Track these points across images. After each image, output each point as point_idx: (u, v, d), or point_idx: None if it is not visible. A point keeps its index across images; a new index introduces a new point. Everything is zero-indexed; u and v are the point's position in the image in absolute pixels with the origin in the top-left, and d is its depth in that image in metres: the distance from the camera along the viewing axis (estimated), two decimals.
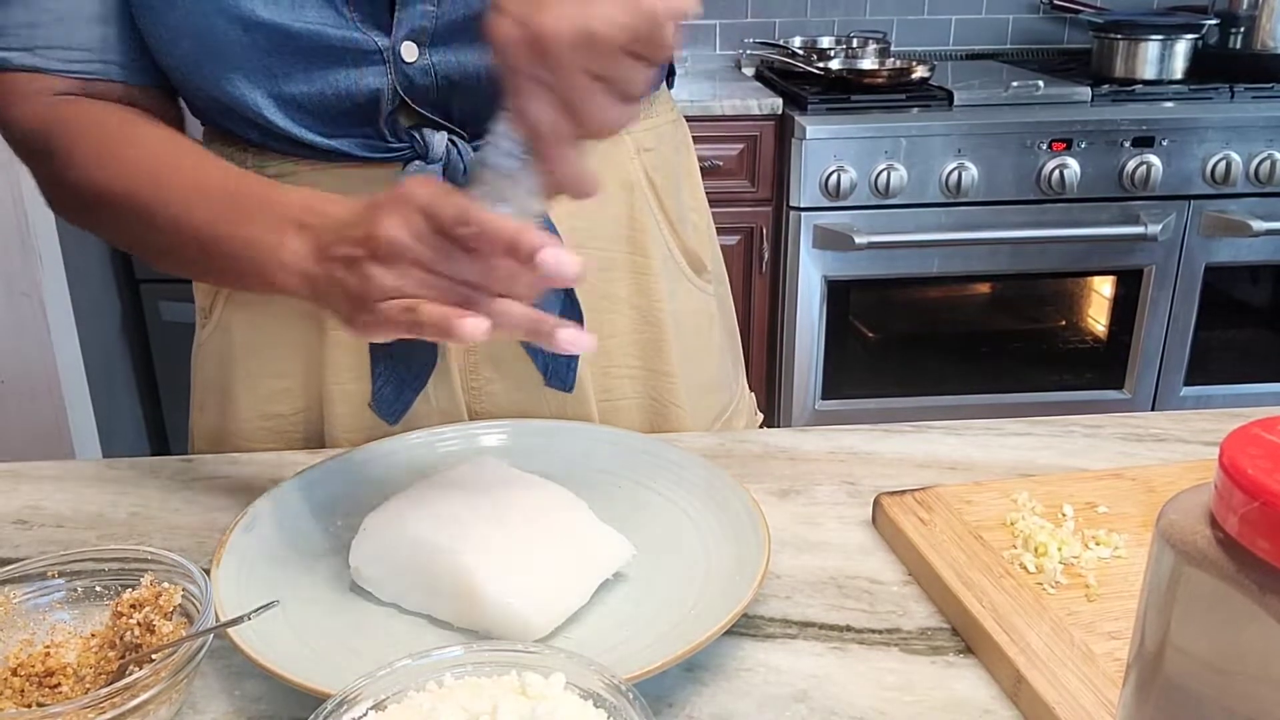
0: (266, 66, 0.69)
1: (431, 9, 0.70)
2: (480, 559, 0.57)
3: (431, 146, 0.74)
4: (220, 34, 0.68)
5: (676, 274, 0.87)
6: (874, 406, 2.26)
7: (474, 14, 0.70)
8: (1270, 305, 2.29)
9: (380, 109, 0.72)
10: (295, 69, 0.70)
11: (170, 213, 0.67)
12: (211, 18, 0.67)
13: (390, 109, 0.72)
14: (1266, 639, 0.32)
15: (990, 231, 2.10)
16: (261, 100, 0.71)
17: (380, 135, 0.73)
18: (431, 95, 0.72)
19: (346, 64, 0.70)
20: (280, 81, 0.70)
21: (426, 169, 0.74)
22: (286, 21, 0.68)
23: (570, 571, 0.59)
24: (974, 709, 0.53)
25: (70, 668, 0.53)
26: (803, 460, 0.78)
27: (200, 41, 0.69)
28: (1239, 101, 2.13)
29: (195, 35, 0.68)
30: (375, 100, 0.71)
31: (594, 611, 0.60)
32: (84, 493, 0.76)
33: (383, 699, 0.46)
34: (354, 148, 0.74)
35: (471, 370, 0.80)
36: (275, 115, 0.71)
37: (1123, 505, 0.67)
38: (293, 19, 0.68)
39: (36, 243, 1.83)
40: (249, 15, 0.67)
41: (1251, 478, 0.32)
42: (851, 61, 2.37)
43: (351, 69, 0.70)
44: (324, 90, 0.71)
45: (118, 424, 2.19)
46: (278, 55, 0.69)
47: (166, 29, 0.69)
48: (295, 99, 0.71)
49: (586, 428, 0.77)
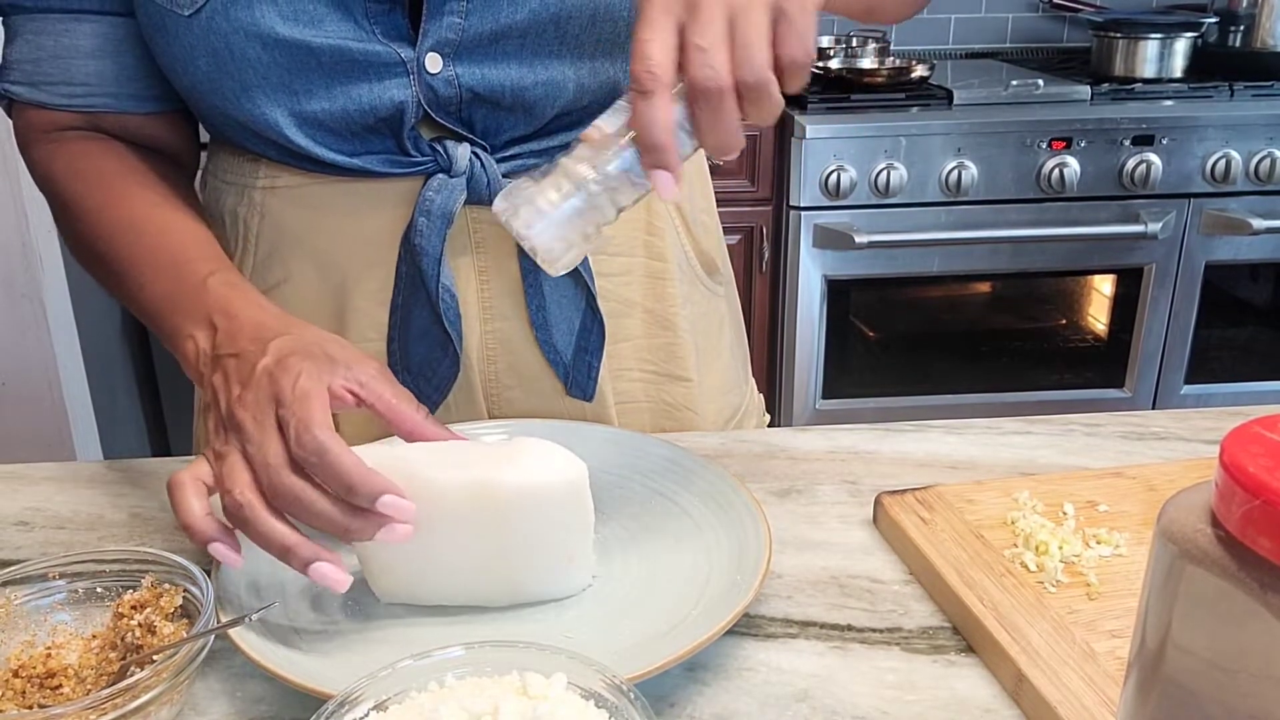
0: (287, 84, 0.69)
1: (459, 21, 0.69)
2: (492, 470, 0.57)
3: (455, 160, 0.73)
4: (239, 52, 0.68)
5: (691, 278, 0.87)
6: (874, 406, 2.26)
7: (501, 28, 0.70)
8: (1270, 303, 2.29)
9: (403, 122, 0.72)
10: (316, 85, 0.69)
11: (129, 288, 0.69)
12: (229, 36, 0.67)
13: (413, 121, 0.72)
14: (1268, 637, 0.32)
15: (990, 230, 2.10)
16: (282, 119, 0.70)
17: (403, 149, 0.73)
18: (455, 107, 0.72)
19: (369, 78, 0.70)
20: (301, 99, 0.70)
21: (450, 184, 0.74)
22: (307, 37, 0.67)
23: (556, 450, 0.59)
24: (975, 708, 0.53)
25: (71, 669, 0.53)
26: (803, 460, 0.78)
27: (218, 60, 0.68)
28: (1239, 100, 2.13)
29: (213, 54, 0.68)
30: (398, 114, 0.71)
31: (595, 611, 0.60)
32: (85, 494, 0.76)
33: (384, 699, 0.46)
34: (376, 164, 0.74)
35: (492, 379, 0.80)
36: (295, 134, 0.71)
37: (1123, 504, 0.67)
38: (313, 34, 0.68)
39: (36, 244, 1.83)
40: (268, 33, 0.67)
41: (1252, 476, 0.32)
42: (851, 61, 2.37)
43: (374, 82, 0.70)
44: (346, 106, 0.70)
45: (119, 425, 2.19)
46: (298, 72, 0.69)
47: (183, 49, 0.69)
48: (316, 116, 0.71)
49: (588, 427, 0.77)
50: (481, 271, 0.77)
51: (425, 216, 0.74)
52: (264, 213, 0.78)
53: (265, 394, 0.55)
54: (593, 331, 0.80)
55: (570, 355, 0.80)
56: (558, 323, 0.79)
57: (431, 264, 0.74)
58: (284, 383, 0.55)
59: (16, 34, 0.72)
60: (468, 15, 0.69)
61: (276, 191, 0.77)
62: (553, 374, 0.81)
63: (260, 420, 0.55)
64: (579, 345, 0.80)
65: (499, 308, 0.78)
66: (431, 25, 0.69)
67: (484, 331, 0.79)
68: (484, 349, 0.79)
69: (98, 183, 0.72)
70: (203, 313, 0.63)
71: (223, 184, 0.80)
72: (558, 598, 0.61)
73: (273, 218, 0.77)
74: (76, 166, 0.73)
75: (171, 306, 0.66)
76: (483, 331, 0.79)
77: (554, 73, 0.72)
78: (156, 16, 0.68)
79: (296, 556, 0.53)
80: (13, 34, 0.72)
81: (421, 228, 0.74)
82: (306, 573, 0.53)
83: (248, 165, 0.77)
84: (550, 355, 0.80)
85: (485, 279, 0.78)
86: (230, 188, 0.79)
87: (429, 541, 0.57)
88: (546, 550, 0.59)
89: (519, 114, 0.73)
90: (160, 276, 0.67)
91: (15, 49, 0.72)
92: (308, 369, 0.56)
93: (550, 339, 0.79)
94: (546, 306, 0.78)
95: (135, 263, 0.69)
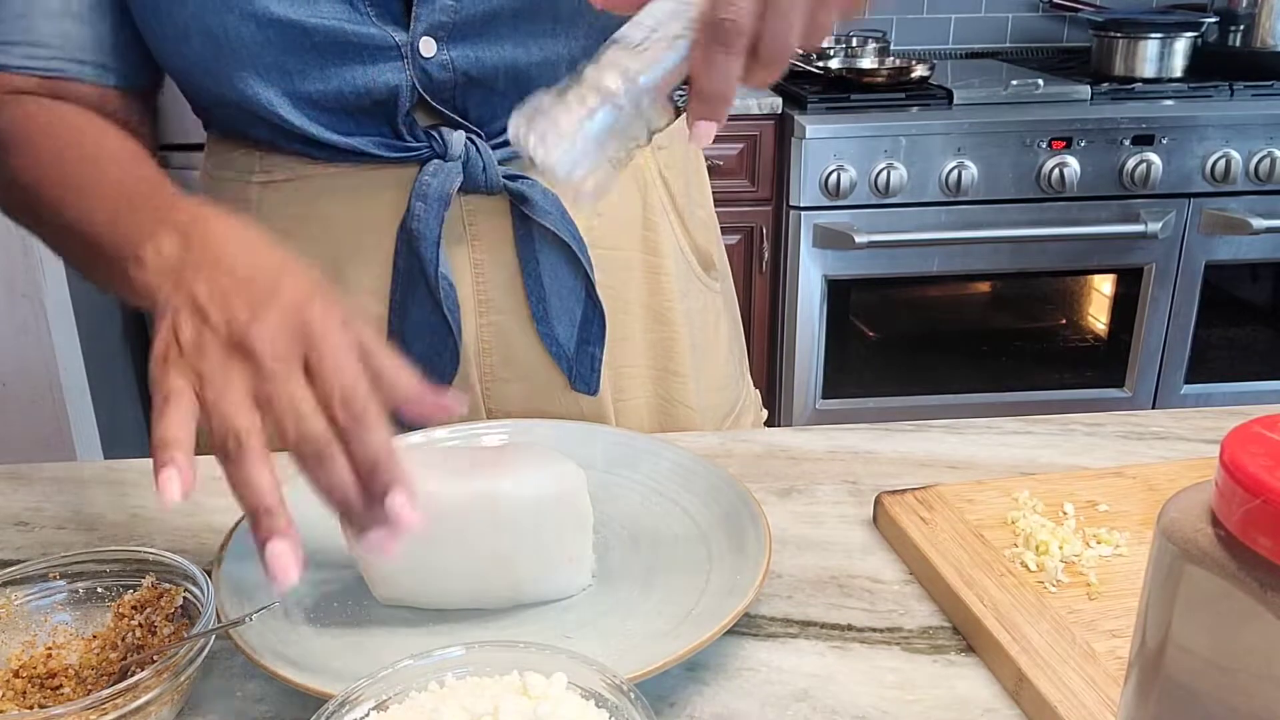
0: (281, 64, 0.69)
1: (451, 3, 0.69)
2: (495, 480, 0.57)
3: (450, 145, 0.73)
4: (233, 32, 0.67)
5: (688, 274, 0.87)
6: (874, 406, 2.26)
7: (493, 9, 0.70)
8: (1270, 303, 2.29)
9: (398, 106, 0.72)
10: (310, 66, 0.69)
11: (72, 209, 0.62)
12: (223, 15, 0.67)
13: (408, 106, 0.72)
14: (1268, 637, 0.32)
15: (990, 230, 2.10)
16: (276, 99, 0.70)
17: (398, 134, 0.73)
18: (449, 91, 0.72)
19: (363, 60, 0.70)
20: (295, 79, 0.70)
21: (445, 168, 0.74)
22: (301, 17, 0.67)
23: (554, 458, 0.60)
24: (976, 708, 0.53)
25: (72, 669, 0.53)
26: (803, 459, 0.78)
27: (212, 39, 0.68)
28: (1238, 99, 2.13)
29: (206, 33, 0.68)
30: (393, 97, 0.71)
31: (594, 611, 0.60)
32: (85, 494, 0.76)
33: (385, 699, 0.46)
34: (372, 146, 0.73)
35: (489, 373, 0.80)
36: (290, 113, 0.71)
37: (1124, 503, 0.67)
38: (308, 15, 0.68)
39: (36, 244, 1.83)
40: (263, 12, 0.67)
41: (1253, 475, 0.32)
42: (851, 60, 2.38)
43: (368, 65, 0.70)
44: (340, 88, 0.70)
45: (119, 425, 2.19)
46: (292, 52, 0.69)
47: (175, 27, 0.68)
48: (311, 96, 0.71)
49: (588, 427, 0.77)
50: (477, 264, 0.77)
51: (422, 200, 0.73)
52: (261, 206, 0.77)
53: (291, 329, 0.48)
54: (594, 323, 0.80)
55: (573, 348, 0.80)
56: (559, 315, 0.79)
57: (430, 248, 0.74)
58: (317, 327, 0.48)
59: None
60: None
61: (274, 184, 0.77)
62: (550, 368, 0.80)
63: (285, 358, 0.47)
64: (581, 337, 0.80)
65: (495, 301, 0.78)
66: (424, 8, 0.69)
67: (480, 325, 0.78)
68: (479, 342, 0.79)
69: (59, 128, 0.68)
70: (170, 221, 0.54)
71: (220, 180, 0.80)
72: (559, 598, 0.61)
73: (270, 211, 0.77)
74: (32, 115, 0.69)
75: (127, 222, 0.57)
76: (478, 325, 0.78)
77: (548, 53, 0.72)
78: None
79: (271, 521, 0.46)
80: None
81: (418, 212, 0.73)
82: (265, 547, 0.45)
83: (244, 159, 0.77)
84: (553, 349, 0.79)
85: (480, 271, 0.77)
86: (227, 183, 0.79)
87: (429, 550, 0.57)
88: (547, 554, 0.59)
89: (513, 97, 0.73)
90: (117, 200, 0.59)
91: None
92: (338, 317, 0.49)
93: (552, 332, 0.79)
94: (547, 298, 0.78)
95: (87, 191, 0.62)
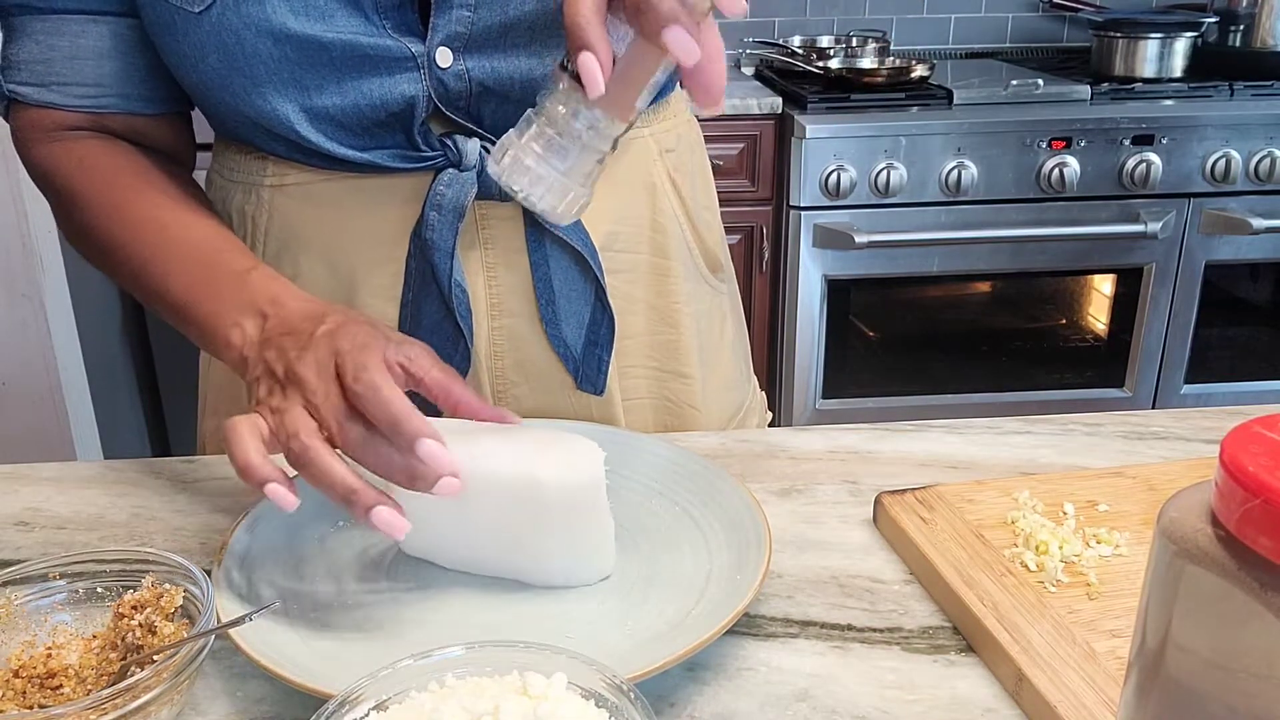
0: (297, 79, 0.69)
1: (468, 14, 0.69)
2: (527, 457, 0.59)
3: (465, 154, 0.74)
4: (249, 48, 0.68)
5: (695, 275, 0.87)
6: (874, 406, 2.26)
7: (510, 20, 0.70)
8: (1270, 303, 2.29)
9: (414, 117, 0.72)
10: (327, 80, 0.70)
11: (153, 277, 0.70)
12: (240, 32, 0.67)
13: (423, 116, 0.72)
14: (1268, 636, 0.32)
15: (990, 230, 2.10)
16: (293, 114, 0.71)
17: (413, 144, 0.73)
18: (465, 101, 0.72)
19: (379, 72, 0.70)
20: (312, 94, 0.70)
21: (460, 178, 0.74)
22: (317, 32, 0.68)
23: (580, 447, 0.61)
24: (976, 708, 0.53)
25: (72, 669, 0.53)
26: (803, 459, 0.78)
27: (228, 56, 0.68)
28: (1238, 99, 2.13)
29: (223, 50, 0.68)
30: (409, 108, 0.71)
31: (595, 611, 0.60)
32: (85, 494, 0.76)
33: (385, 699, 0.46)
34: (386, 159, 0.74)
35: (499, 375, 0.80)
36: (306, 129, 0.71)
37: (1124, 503, 0.67)
38: (324, 29, 0.68)
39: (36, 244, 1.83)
40: (279, 28, 0.67)
41: (1252, 475, 0.32)
42: (851, 60, 2.37)
43: (385, 77, 0.70)
44: (357, 101, 0.70)
45: (119, 425, 2.19)
46: (309, 67, 0.69)
47: (191, 46, 0.69)
48: (327, 111, 0.71)
49: (588, 427, 0.77)
50: (490, 268, 0.78)
51: (436, 211, 0.74)
52: (272, 211, 0.78)
53: (325, 351, 0.58)
54: (602, 325, 0.80)
55: (580, 350, 0.80)
56: (567, 317, 0.79)
57: (444, 259, 0.74)
58: (343, 341, 0.58)
59: (21, 34, 0.72)
60: (476, 8, 0.69)
61: (285, 189, 0.77)
62: (560, 369, 0.81)
63: (322, 373, 0.57)
64: (589, 339, 0.80)
65: (507, 304, 0.78)
66: (441, 19, 0.69)
67: (492, 328, 0.79)
68: (491, 345, 0.79)
69: (113, 178, 0.73)
70: (249, 302, 0.65)
71: (230, 182, 0.80)
72: (579, 584, 0.62)
73: (281, 215, 0.78)
74: (87, 163, 0.73)
75: (207, 295, 0.67)
76: (490, 328, 0.79)
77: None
78: (165, 14, 0.68)
79: (360, 500, 0.54)
80: (16, 34, 0.72)
81: (433, 222, 0.74)
82: (369, 518, 0.54)
83: (255, 163, 0.77)
84: (560, 350, 0.80)
85: (493, 274, 0.78)
86: (237, 186, 0.79)
87: (463, 513, 0.59)
88: (575, 540, 0.61)
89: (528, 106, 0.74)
90: (190, 268, 0.69)
91: (21, 49, 0.72)
92: (365, 331, 0.59)
93: (560, 334, 0.79)
94: (556, 301, 0.79)
95: (160, 256, 0.70)
